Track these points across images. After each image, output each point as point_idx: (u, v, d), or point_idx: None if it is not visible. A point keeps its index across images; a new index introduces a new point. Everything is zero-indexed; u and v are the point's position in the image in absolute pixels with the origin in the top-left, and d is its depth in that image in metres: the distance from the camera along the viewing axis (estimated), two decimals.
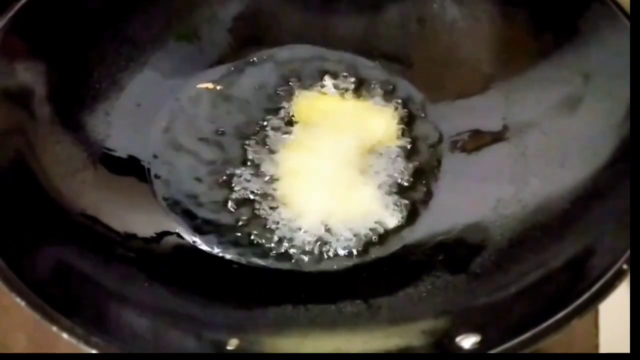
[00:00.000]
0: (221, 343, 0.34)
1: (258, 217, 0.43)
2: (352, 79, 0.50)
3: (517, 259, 0.37)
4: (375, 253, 0.41)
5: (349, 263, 0.40)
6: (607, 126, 0.39)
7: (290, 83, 0.50)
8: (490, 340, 0.30)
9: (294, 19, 0.54)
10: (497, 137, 0.45)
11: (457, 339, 0.31)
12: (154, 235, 0.41)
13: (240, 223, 0.42)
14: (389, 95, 0.49)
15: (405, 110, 0.48)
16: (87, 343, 0.29)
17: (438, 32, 0.51)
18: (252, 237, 0.42)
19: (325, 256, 0.41)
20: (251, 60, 0.52)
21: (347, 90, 0.50)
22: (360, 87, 0.50)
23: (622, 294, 0.31)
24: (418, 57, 0.51)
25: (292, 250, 0.41)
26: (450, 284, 0.38)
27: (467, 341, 0.31)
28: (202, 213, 0.43)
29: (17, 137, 0.40)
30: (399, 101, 0.49)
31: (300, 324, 0.37)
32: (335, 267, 0.40)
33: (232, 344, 0.33)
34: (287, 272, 0.40)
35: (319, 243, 0.41)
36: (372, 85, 0.50)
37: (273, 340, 0.36)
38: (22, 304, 0.30)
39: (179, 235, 0.42)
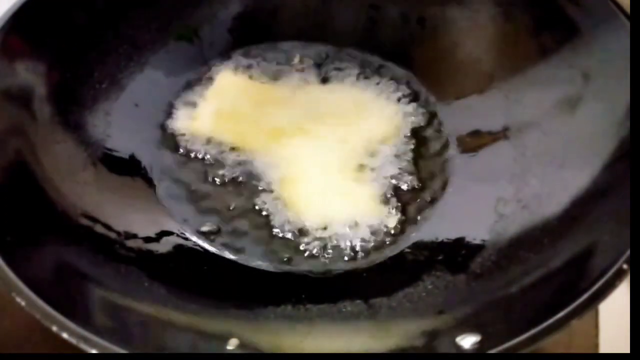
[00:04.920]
0: (221, 343, 0.34)
1: (258, 218, 0.43)
2: (354, 78, 0.50)
3: (517, 259, 0.37)
4: (375, 253, 0.41)
5: (350, 264, 0.40)
6: (607, 126, 0.39)
7: (291, 80, 0.51)
8: (490, 340, 0.30)
9: (295, 18, 0.54)
10: (497, 137, 0.45)
11: (457, 339, 0.31)
12: (154, 235, 0.41)
13: (240, 223, 0.42)
14: (390, 95, 0.49)
15: (406, 110, 0.48)
16: (87, 343, 0.29)
17: (438, 32, 0.51)
18: (252, 237, 0.42)
19: (326, 257, 0.41)
20: (252, 59, 0.52)
21: (349, 88, 0.50)
22: (362, 87, 0.50)
23: (622, 294, 0.31)
24: (418, 57, 0.51)
25: (292, 251, 0.41)
26: (450, 284, 0.38)
27: (467, 341, 0.31)
28: (202, 213, 0.43)
29: (17, 137, 0.40)
30: (400, 101, 0.49)
31: (300, 324, 0.37)
32: (335, 267, 0.40)
33: (232, 344, 0.33)
34: (287, 273, 0.40)
35: (319, 244, 0.41)
36: (374, 85, 0.50)
37: (273, 340, 0.36)
38: (22, 304, 0.30)
39: (179, 235, 0.42)
